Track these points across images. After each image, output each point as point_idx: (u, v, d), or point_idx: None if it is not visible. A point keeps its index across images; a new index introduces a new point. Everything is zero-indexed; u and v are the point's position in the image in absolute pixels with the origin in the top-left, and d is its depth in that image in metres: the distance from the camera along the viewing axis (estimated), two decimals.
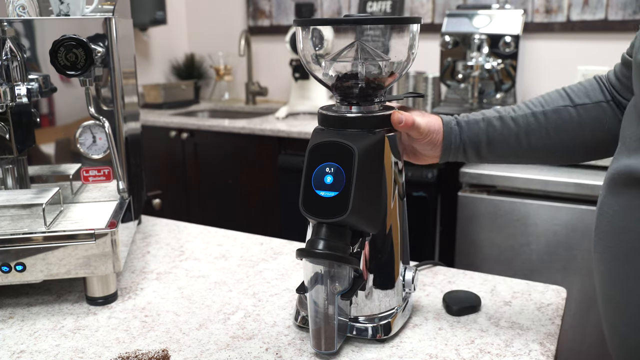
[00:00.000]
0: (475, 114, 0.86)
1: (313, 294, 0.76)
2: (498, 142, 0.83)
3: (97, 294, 0.93)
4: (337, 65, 0.80)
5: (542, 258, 1.97)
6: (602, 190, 0.68)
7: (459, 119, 0.85)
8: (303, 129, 2.47)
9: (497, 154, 0.85)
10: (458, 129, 0.84)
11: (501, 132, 0.83)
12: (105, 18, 1.01)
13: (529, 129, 0.83)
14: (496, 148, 0.84)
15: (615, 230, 0.62)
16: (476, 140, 0.84)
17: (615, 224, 0.63)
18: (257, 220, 2.70)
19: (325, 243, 0.72)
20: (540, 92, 0.86)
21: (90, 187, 1.08)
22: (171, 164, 2.86)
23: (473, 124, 0.84)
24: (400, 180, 0.83)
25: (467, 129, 0.84)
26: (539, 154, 0.84)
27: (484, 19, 2.35)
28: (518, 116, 0.84)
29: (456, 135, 0.84)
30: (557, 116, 0.82)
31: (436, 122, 0.84)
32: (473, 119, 0.85)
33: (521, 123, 0.83)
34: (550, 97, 0.85)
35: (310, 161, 0.75)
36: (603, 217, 0.65)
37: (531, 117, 0.83)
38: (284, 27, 3.13)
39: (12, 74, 0.95)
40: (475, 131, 0.84)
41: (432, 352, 0.78)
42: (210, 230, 1.27)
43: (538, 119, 0.83)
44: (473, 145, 0.84)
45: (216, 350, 0.79)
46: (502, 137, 0.83)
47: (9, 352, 0.79)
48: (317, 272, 0.75)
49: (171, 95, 3.19)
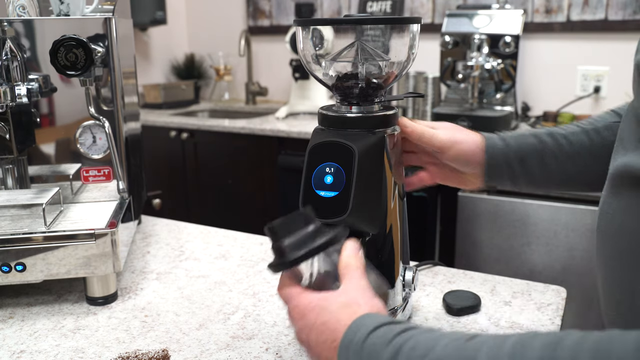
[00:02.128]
0: (521, 131, 0.80)
1: None
2: (550, 159, 0.76)
3: (97, 294, 0.93)
4: (337, 65, 0.80)
5: (542, 258, 1.97)
6: (604, 191, 0.67)
7: (503, 134, 0.78)
8: (303, 129, 2.47)
9: (548, 175, 0.76)
10: (503, 144, 0.76)
11: (552, 148, 0.76)
12: (105, 18, 1.01)
13: (583, 146, 0.75)
14: (549, 166, 0.76)
15: (616, 231, 0.62)
16: (525, 156, 0.76)
17: (616, 223, 0.62)
18: (257, 220, 2.69)
19: None
20: (540, 92, 0.85)
21: (90, 187, 1.08)
22: (171, 164, 2.86)
23: (520, 138, 0.77)
24: (400, 181, 0.83)
25: (514, 143, 0.76)
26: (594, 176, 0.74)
27: (484, 19, 2.35)
28: (569, 133, 0.77)
29: (501, 150, 0.76)
30: (611, 133, 0.74)
31: (468, 136, 0.77)
32: (520, 133, 0.78)
33: (573, 140, 0.76)
34: (598, 116, 0.79)
35: (310, 161, 0.75)
36: (604, 217, 0.65)
37: (583, 134, 0.76)
38: (284, 27, 3.13)
39: (12, 74, 0.95)
40: (524, 146, 0.76)
41: None
42: (210, 230, 1.27)
43: (591, 136, 0.76)
44: (521, 162, 0.76)
45: (216, 350, 0.79)
46: (554, 155, 0.76)
47: (9, 352, 0.79)
48: None
49: (171, 95, 3.19)
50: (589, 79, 2.48)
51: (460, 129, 0.79)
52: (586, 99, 2.49)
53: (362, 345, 0.49)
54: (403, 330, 0.49)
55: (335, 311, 0.54)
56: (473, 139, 0.78)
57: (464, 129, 0.79)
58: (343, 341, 0.51)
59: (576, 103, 2.47)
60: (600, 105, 2.47)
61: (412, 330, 0.49)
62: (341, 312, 0.54)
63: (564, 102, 2.49)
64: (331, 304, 0.55)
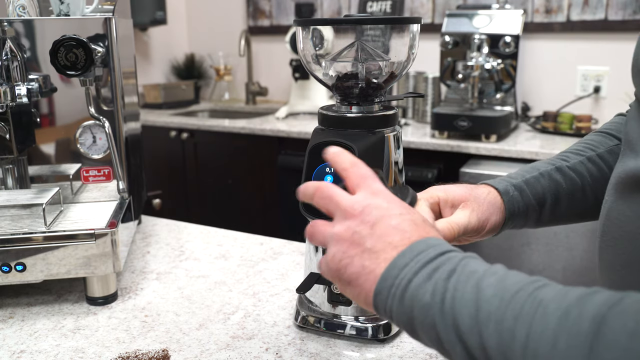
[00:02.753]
0: (528, 170, 0.76)
1: None
2: (564, 198, 0.73)
3: (97, 294, 0.93)
4: (337, 65, 0.80)
5: (542, 258, 1.97)
6: (610, 196, 0.64)
7: (516, 181, 0.74)
8: (303, 129, 2.47)
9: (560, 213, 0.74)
10: (519, 197, 0.73)
11: (565, 186, 0.74)
12: (105, 18, 1.01)
13: (592, 177, 0.73)
14: (561, 206, 0.74)
15: (627, 237, 0.59)
16: (543, 202, 0.73)
17: (628, 230, 0.59)
18: (257, 220, 2.70)
19: None
20: (540, 92, 0.84)
21: (90, 187, 1.08)
22: (171, 164, 2.86)
23: (534, 182, 0.73)
24: (400, 180, 0.83)
25: (529, 191, 0.73)
26: None
27: (484, 19, 2.35)
28: (575, 164, 0.75)
29: (519, 204, 0.72)
30: (614, 157, 0.72)
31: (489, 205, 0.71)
32: (531, 175, 0.74)
33: (581, 170, 0.74)
34: (593, 141, 0.77)
35: (310, 161, 0.75)
36: (613, 223, 0.62)
37: (588, 162, 0.75)
38: (284, 27, 3.13)
39: (12, 74, 0.95)
40: (539, 190, 0.73)
41: (432, 352, 0.78)
42: (210, 230, 1.27)
43: (596, 163, 0.75)
44: (541, 208, 0.74)
45: (216, 350, 0.79)
46: (567, 192, 0.73)
47: (9, 352, 0.79)
48: None
49: (171, 95, 3.19)
50: (589, 79, 2.48)
51: (473, 194, 0.71)
52: (586, 99, 2.49)
53: None
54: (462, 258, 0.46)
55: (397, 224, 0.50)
56: (493, 203, 0.71)
57: (475, 189, 0.71)
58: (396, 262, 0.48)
59: (576, 103, 2.47)
60: (600, 105, 2.48)
61: None
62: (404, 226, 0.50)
63: (564, 102, 2.49)
64: None
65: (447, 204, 0.70)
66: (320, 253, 0.82)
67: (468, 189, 0.71)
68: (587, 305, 0.39)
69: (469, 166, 2.09)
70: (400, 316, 0.47)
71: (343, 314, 0.82)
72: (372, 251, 0.49)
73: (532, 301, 0.41)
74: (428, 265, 0.46)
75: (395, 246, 0.49)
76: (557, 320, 0.39)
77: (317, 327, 0.83)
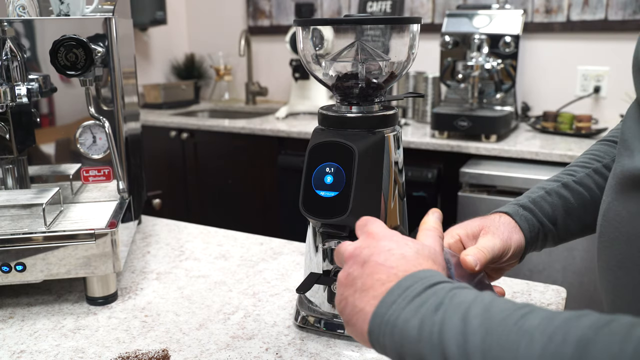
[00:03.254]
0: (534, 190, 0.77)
1: None
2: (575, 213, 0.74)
3: (97, 294, 0.93)
4: (337, 65, 0.80)
5: (542, 258, 1.97)
6: (607, 196, 0.64)
7: (522, 202, 0.75)
8: (303, 129, 2.47)
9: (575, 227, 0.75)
10: (534, 219, 0.74)
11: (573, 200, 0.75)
12: (105, 18, 1.01)
13: (600, 188, 0.73)
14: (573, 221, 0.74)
15: (625, 238, 0.59)
16: (553, 218, 0.74)
17: (624, 230, 0.59)
18: (257, 220, 2.70)
19: None
20: (540, 92, 0.84)
21: (90, 187, 1.08)
22: (171, 164, 2.86)
23: (540, 201, 0.75)
24: (400, 180, 0.83)
25: (537, 209, 0.74)
26: None
27: (484, 19, 2.35)
28: (581, 178, 0.75)
29: (530, 220, 0.74)
30: None
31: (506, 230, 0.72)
32: (539, 195, 0.75)
33: (589, 183, 0.74)
34: (598, 151, 0.77)
35: (311, 161, 0.75)
36: (610, 223, 0.61)
37: (595, 174, 0.75)
38: (284, 27, 3.13)
39: (12, 74, 0.95)
40: (546, 208, 0.74)
41: None
42: (210, 230, 1.27)
43: (603, 174, 0.74)
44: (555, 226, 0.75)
45: (216, 350, 0.79)
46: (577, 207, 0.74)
47: (9, 352, 0.79)
48: None
49: (171, 95, 3.19)
50: (589, 79, 2.48)
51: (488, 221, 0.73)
52: (586, 99, 2.49)
53: None
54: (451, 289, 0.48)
55: None
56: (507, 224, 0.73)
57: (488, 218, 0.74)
58: None
59: (576, 103, 2.47)
60: (600, 105, 2.48)
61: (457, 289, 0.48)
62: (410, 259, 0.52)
63: (564, 102, 2.49)
64: None
65: (468, 238, 0.72)
66: (320, 253, 0.82)
67: (482, 219, 0.73)
68: (572, 329, 0.39)
69: (469, 166, 2.09)
70: (392, 352, 0.48)
71: None
72: (362, 290, 0.51)
73: (518, 330, 0.41)
74: (415, 301, 0.47)
75: (383, 283, 0.50)
76: (542, 346, 0.39)
77: (317, 327, 0.83)
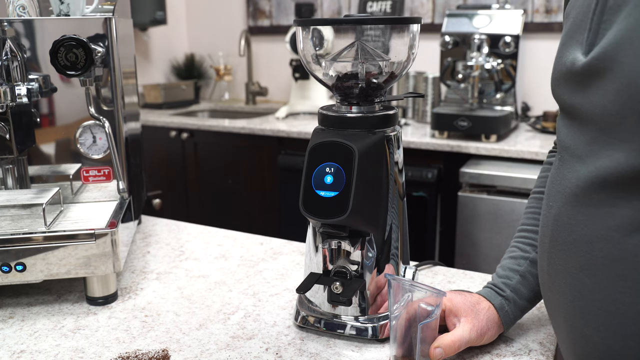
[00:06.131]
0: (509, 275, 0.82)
1: None
2: None
3: (97, 294, 0.93)
4: (338, 65, 0.80)
5: None
6: (555, 202, 0.65)
7: (506, 294, 0.81)
8: (303, 129, 2.47)
9: None
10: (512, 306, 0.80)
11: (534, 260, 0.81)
12: (105, 18, 1.01)
13: None
14: None
15: (583, 240, 0.60)
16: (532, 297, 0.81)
17: (583, 233, 0.60)
18: (257, 220, 2.70)
19: None
20: (540, 92, 0.84)
21: (90, 187, 1.08)
22: (171, 164, 2.86)
23: (520, 288, 0.81)
24: (400, 180, 0.83)
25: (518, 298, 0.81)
26: None
27: (484, 19, 2.35)
28: None
29: (514, 312, 0.81)
30: None
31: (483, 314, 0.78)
32: (516, 282, 0.81)
33: None
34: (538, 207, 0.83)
35: (311, 161, 0.75)
36: (564, 228, 0.62)
37: None
38: (284, 27, 3.13)
39: (12, 74, 0.95)
40: (526, 293, 0.81)
41: None
42: (210, 230, 1.27)
43: None
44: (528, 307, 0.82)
45: (216, 350, 0.79)
46: None
47: (9, 352, 0.79)
48: None
49: (171, 95, 3.19)
50: None
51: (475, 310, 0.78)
52: None
53: None
54: None
55: None
56: (491, 319, 0.79)
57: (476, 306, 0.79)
58: None
59: None
60: None
61: None
62: None
63: None
64: None
65: (451, 313, 0.78)
66: (320, 253, 0.82)
67: (470, 305, 0.79)
68: None
69: (469, 166, 2.10)
70: None
71: (343, 314, 0.82)
72: None
73: None
74: None
75: None
76: None
77: (317, 327, 0.83)
